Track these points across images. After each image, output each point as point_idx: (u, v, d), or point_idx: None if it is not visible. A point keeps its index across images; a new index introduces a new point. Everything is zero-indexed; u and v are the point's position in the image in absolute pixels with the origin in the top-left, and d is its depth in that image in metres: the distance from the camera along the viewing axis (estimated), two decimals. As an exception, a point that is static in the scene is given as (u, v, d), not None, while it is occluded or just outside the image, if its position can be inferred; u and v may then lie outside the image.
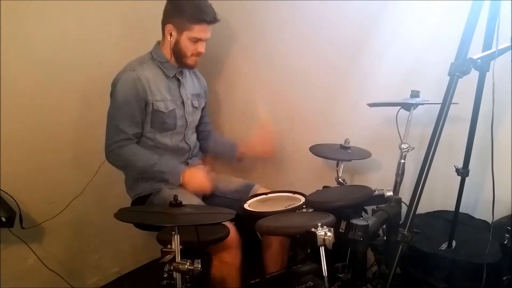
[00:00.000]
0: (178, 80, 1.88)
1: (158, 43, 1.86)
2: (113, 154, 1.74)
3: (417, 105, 1.61)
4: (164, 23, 1.79)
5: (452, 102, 1.20)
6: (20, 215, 1.75)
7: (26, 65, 1.77)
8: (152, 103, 1.76)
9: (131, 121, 1.74)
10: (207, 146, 2.11)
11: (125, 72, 1.75)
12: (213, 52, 2.25)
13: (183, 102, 1.87)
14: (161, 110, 1.79)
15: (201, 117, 2.05)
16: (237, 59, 2.35)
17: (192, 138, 1.97)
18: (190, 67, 1.89)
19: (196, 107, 1.96)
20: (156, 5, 1.85)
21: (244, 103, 2.36)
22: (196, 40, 1.78)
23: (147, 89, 1.75)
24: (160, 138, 1.83)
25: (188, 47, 1.78)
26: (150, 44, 1.87)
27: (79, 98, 1.97)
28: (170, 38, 1.79)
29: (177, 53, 1.80)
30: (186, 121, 1.89)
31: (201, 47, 1.81)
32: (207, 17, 1.74)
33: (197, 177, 1.78)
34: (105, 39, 2.02)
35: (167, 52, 1.82)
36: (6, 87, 1.70)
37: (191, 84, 1.96)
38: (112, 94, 1.76)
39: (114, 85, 1.75)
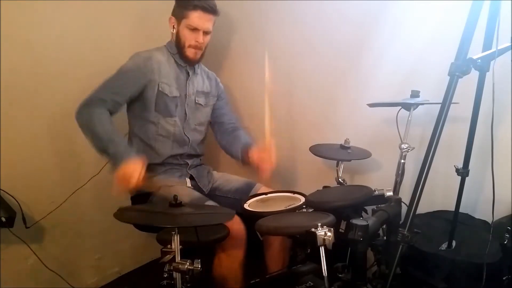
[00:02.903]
0: (188, 73, 1.89)
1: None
2: (82, 108, 1.65)
3: (417, 105, 1.61)
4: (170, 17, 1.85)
5: (452, 102, 1.20)
6: (22, 214, 1.76)
7: (26, 65, 1.76)
8: (159, 84, 1.78)
9: (117, 88, 1.72)
10: (225, 141, 2.03)
11: (140, 52, 1.79)
12: (212, 53, 2.24)
13: (186, 95, 1.88)
14: (166, 92, 1.80)
15: (223, 115, 2.05)
16: (237, 59, 2.35)
17: (192, 135, 1.93)
18: (190, 60, 1.86)
19: (201, 104, 1.95)
20: (162, 3, 1.87)
21: (244, 103, 2.36)
22: (193, 29, 1.79)
23: (155, 70, 1.77)
24: (164, 124, 1.83)
25: (186, 36, 1.80)
26: (156, 43, 1.89)
27: (80, 98, 1.95)
28: (173, 31, 1.84)
29: (178, 44, 1.84)
30: (186, 114, 1.89)
31: (199, 37, 1.80)
32: (199, 3, 1.76)
33: (129, 168, 1.53)
34: (108, 38, 2.02)
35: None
36: (6, 87, 1.70)
37: (201, 81, 1.96)
38: None
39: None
